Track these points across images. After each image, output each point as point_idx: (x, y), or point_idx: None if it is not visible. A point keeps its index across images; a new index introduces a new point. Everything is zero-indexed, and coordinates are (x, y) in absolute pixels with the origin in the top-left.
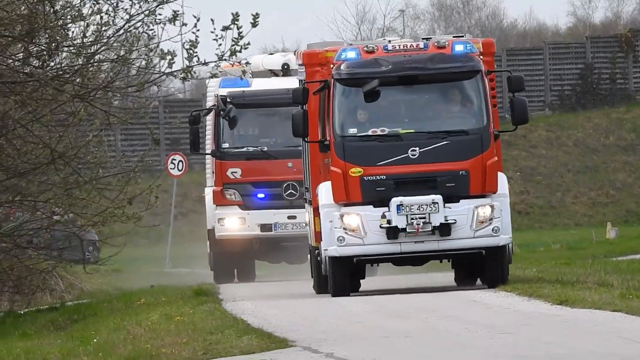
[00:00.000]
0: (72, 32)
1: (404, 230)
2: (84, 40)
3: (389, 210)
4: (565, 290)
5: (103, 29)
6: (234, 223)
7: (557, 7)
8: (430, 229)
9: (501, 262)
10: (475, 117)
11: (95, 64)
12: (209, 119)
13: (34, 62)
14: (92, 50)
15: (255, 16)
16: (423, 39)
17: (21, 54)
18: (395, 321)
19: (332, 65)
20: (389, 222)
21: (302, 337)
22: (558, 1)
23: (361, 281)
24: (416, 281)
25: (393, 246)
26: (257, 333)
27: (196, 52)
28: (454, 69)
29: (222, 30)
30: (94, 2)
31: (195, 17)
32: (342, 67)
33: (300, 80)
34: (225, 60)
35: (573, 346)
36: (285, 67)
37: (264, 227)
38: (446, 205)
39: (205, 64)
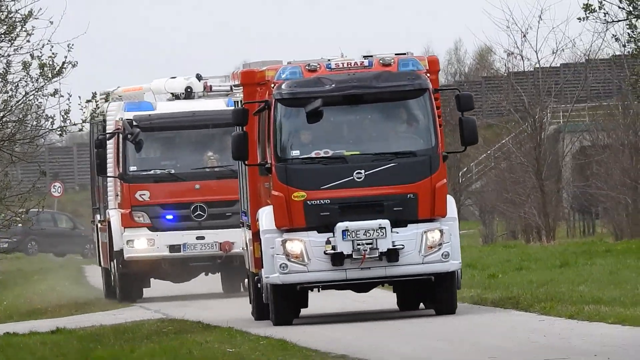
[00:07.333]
0: None
1: (349, 256)
2: None
3: (334, 236)
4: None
5: (9, 100)
6: (143, 244)
7: None
8: (377, 255)
9: (450, 288)
10: (423, 138)
11: (3, 123)
12: (111, 143)
13: None
14: (1, 115)
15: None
16: (365, 56)
17: None
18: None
19: (272, 85)
20: (334, 248)
21: (140, 302)
22: None
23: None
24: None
25: (338, 273)
26: (111, 300)
27: (69, 116)
28: (401, 87)
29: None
30: (3, 83)
31: (68, 93)
32: (283, 87)
33: (238, 101)
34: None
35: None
36: (188, 90)
37: (173, 248)
38: (394, 230)
39: (75, 124)
